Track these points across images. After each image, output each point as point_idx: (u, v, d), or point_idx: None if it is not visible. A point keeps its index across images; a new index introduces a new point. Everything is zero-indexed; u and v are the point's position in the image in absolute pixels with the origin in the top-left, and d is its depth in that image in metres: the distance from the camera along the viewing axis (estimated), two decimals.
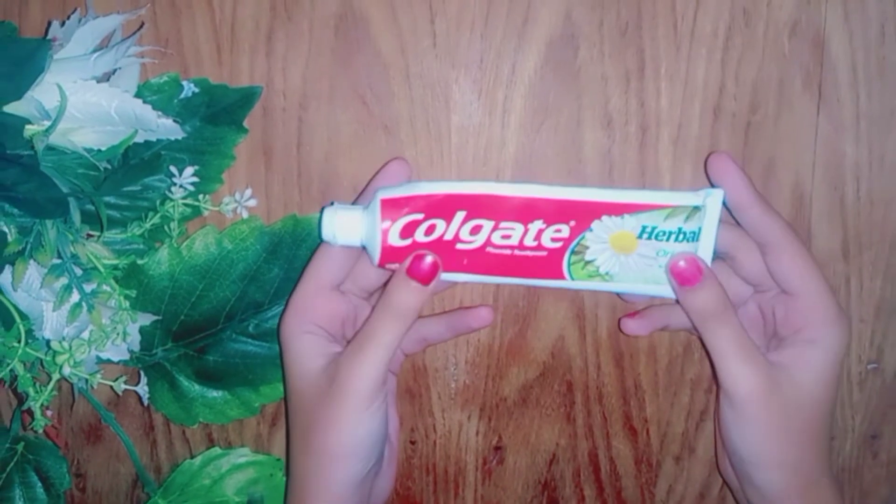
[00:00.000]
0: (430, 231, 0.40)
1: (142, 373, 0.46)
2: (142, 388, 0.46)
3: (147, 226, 0.45)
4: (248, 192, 0.46)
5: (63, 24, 0.42)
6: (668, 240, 0.40)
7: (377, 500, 0.45)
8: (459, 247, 0.40)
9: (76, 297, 0.43)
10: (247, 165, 0.47)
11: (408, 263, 0.40)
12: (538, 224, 0.40)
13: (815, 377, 0.41)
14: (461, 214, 0.40)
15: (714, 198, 0.40)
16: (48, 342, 0.43)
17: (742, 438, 0.41)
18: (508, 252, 0.40)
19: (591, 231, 0.40)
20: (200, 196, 0.45)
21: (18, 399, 0.48)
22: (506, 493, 0.50)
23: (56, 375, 0.43)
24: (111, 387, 0.44)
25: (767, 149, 0.46)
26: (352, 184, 0.47)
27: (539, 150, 0.46)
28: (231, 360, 0.47)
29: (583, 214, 0.40)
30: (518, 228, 0.40)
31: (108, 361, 0.46)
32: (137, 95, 0.41)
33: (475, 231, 0.40)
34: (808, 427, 0.41)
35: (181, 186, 0.44)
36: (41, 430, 0.44)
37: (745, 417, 0.40)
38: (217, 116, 0.45)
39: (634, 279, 0.41)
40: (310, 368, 0.42)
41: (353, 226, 0.40)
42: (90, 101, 0.40)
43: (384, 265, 0.41)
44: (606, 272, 0.41)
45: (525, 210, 0.40)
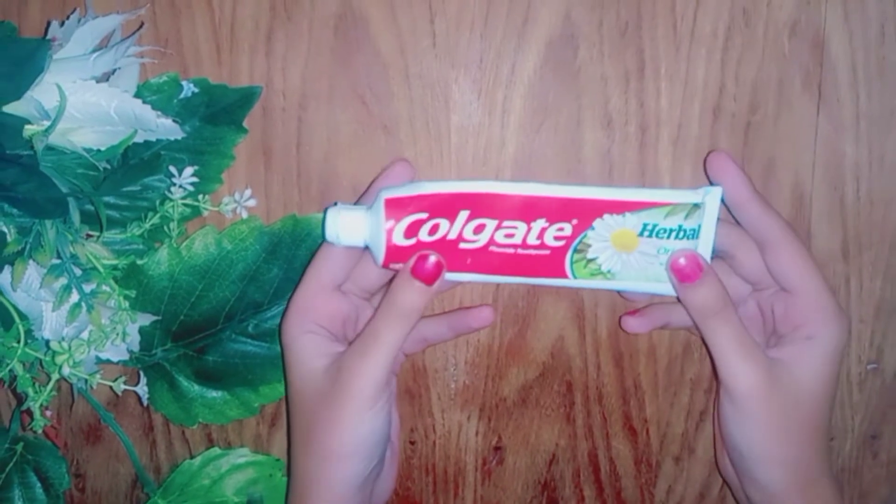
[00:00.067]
0: (434, 230, 0.40)
1: (141, 373, 0.46)
2: (141, 389, 0.46)
3: (146, 226, 0.45)
4: (248, 193, 0.46)
5: (62, 24, 0.42)
6: (669, 237, 0.40)
7: (378, 501, 0.45)
8: (463, 246, 0.40)
9: (75, 298, 0.43)
10: (246, 165, 0.47)
11: (412, 263, 0.40)
12: (541, 223, 0.40)
13: (815, 373, 0.41)
14: (465, 214, 0.39)
15: (713, 195, 0.40)
16: (47, 342, 0.43)
17: (742, 434, 0.41)
18: (511, 251, 0.40)
19: (594, 229, 0.40)
20: (200, 196, 0.45)
21: (18, 399, 0.48)
22: (505, 494, 0.50)
23: (55, 376, 0.43)
24: (111, 387, 0.44)
25: (767, 149, 0.46)
26: (351, 184, 0.46)
27: (539, 151, 0.46)
28: (230, 361, 0.47)
29: (585, 213, 0.40)
30: (521, 227, 0.40)
31: (108, 362, 0.46)
32: (137, 95, 0.41)
33: (478, 230, 0.40)
34: (808, 423, 0.41)
35: (181, 186, 0.44)
36: (40, 431, 0.44)
37: (746, 413, 0.40)
38: (216, 116, 0.45)
39: (636, 277, 0.41)
40: (312, 368, 0.42)
41: (357, 226, 0.40)
42: (90, 101, 0.40)
43: (388, 265, 0.41)
44: (608, 270, 0.41)
45: (528, 209, 0.40)
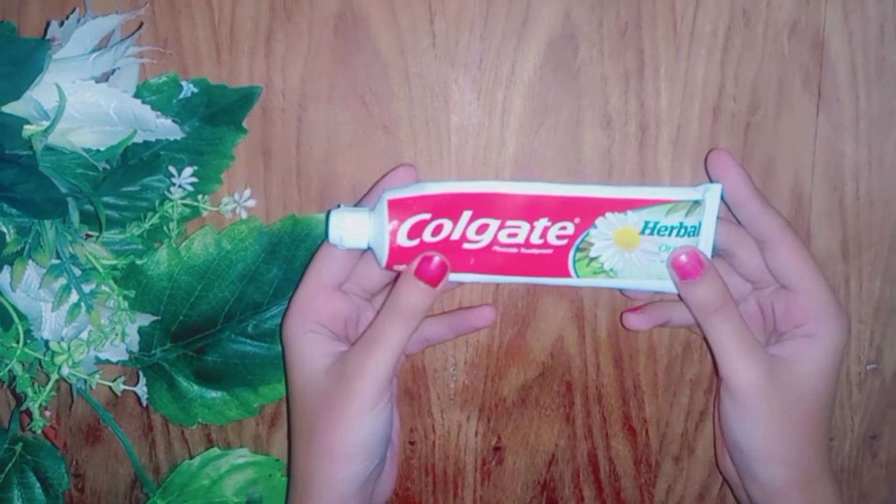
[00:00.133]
0: (438, 231, 0.40)
1: (140, 373, 0.46)
2: (140, 389, 0.46)
3: (146, 226, 0.45)
4: (247, 193, 0.46)
5: (62, 24, 0.42)
6: (670, 235, 0.40)
7: (378, 501, 0.45)
8: (466, 246, 0.40)
9: (75, 298, 0.43)
10: (246, 166, 0.47)
11: (416, 264, 0.40)
12: (544, 222, 0.40)
13: (815, 370, 0.41)
14: (468, 214, 0.40)
15: (713, 192, 0.40)
16: (47, 342, 0.43)
17: (743, 431, 0.41)
18: (515, 251, 0.40)
19: (596, 228, 0.40)
20: (199, 196, 0.45)
21: (17, 399, 0.47)
22: (505, 494, 0.50)
23: (55, 376, 0.43)
24: (110, 387, 0.44)
25: (767, 149, 0.46)
26: (351, 184, 0.46)
27: (538, 151, 0.46)
28: (230, 361, 0.47)
29: (587, 211, 0.40)
30: (524, 227, 0.40)
31: (107, 362, 0.45)
32: (136, 95, 0.41)
33: (481, 230, 0.40)
34: (808, 420, 0.41)
35: (180, 187, 0.44)
36: (40, 431, 0.44)
37: (746, 410, 0.40)
38: (216, 116, 0.45)
39: (638, 275, 0.41)
40: (313, 368, 0.42)
41: (361, 227, 0.40)
42: (89, 102, 0.40)
43: (391, 266, 0.41)
44: (611, 268, 0.41)
45: (530, 208, 0.40)
